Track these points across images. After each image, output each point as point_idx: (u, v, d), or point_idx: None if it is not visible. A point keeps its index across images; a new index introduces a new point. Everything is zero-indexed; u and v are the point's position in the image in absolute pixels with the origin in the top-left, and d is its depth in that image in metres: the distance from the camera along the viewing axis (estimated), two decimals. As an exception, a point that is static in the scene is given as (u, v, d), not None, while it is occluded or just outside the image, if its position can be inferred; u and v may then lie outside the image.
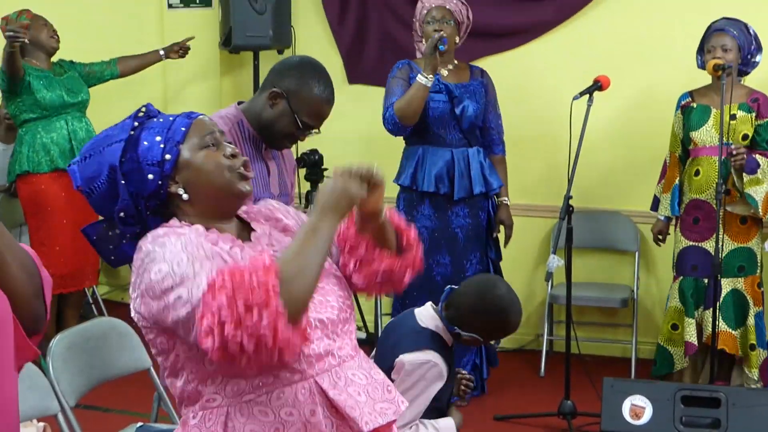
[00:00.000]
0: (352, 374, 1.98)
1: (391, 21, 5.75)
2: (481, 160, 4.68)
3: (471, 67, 4.78)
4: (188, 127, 2.02)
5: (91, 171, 2.02)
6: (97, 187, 2.02)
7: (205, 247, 1.88)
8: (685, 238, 4.66)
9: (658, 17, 5.12)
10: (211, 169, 1.99)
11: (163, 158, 1.97)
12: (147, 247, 1.89)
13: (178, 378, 1.95)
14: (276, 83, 2.97)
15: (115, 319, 3.41)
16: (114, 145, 2.00)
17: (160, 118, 2.05)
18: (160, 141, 1.98)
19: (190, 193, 1.99)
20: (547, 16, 5.42)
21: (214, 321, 1.69)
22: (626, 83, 5.02)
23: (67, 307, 5.47)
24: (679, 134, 4.69)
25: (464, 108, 4.58)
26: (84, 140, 5.18)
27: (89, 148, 2.05)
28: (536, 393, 4.98)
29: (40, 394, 2.94)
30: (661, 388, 4.15)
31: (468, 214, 4.68)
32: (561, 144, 4.55)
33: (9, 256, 1.71)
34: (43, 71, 5.16)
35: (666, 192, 4.71)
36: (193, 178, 1.99)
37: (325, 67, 3.08)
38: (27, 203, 5.21)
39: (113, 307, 6.36)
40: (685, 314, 4.64)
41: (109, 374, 3.21)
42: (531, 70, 5.48)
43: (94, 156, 2.02)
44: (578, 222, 4.62)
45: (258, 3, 5.48)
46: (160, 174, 1.97)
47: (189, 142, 2.00)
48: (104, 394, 3.52)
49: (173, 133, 1.99)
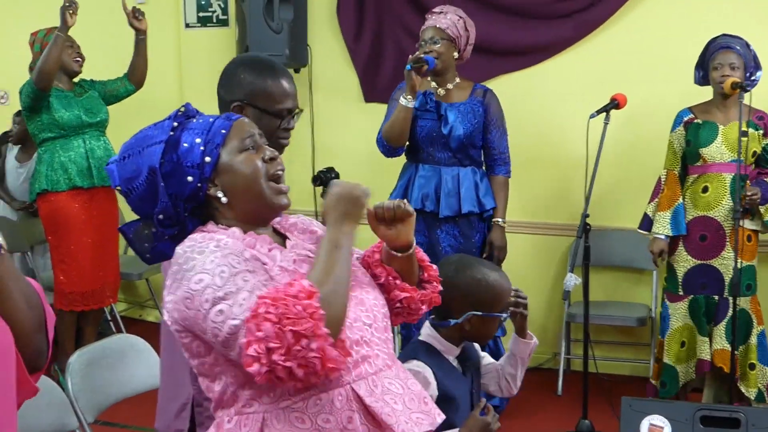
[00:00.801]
0: (389, 383, 1.96)
1: (407, 39, 5.76)
2: (477, 180, 4.65)
3: (474, 86, 4.74)
4: (228, 129, 2.01)
5: (129, 171, 2.01)
6: (135, 188, 2.01)
7: (245, 254, 1.88)
8: (692, 257, 4.59)
9: (675, 35, 5.11)
10: (250, 173, 1.98)
11: (202, 161, 1.97)
12: (185, 253, 1.89)
13: (215, 382, 1.94)
14: (231, 99, 2.74)
15: (133, 336, 3.42)
16: (154, 146, 1.99)
17: (200, 119, 2.05)
18: (200, 143, 1.98)
19: (228, 197, 1.99)
20: (563, 35, 5.42)
21: (261, 348, 1.69)
22: (643, 101, 5.02)
23: (86, 324, 5.50)
24: (679, 151, 4.65)
25: (452, 128, 4.57)
26: (102, 158, 5.23)
27: (128, 147, 2.04)
28: (553, 412, 4.96)
29: (58, 410, 2.95)
30: (680, 407, 4.12)
31: (459, 234, 4.65)
32: (578, 162, 4.54)
33: (14, 288, 1.67)
34: (63, 91, 5.20)
35: (664, 210, 4.63)
36: (231, 181, 1.99)
37: (262, 54, 2.98)
38: (46, 221, 5.26)
39: (131, 324, 6.40)
40: (698, 333, 4.59)
41: (127, 391, 3.22)
42: (547, 89, 5.48)
43: (133, 156, 2.01)
44: (595, 240, 4.61)
45: (274, 22, 5.51)
46: (199, 176, 1.97)
47: (229, 145, 1.99)
48: (122, 410, 3.52)
49: (213, 135, 1.99)
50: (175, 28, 6.31)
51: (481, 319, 2.76)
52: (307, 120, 6.02)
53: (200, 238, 1.91)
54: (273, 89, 2.71)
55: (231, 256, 1.84)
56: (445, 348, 2.81)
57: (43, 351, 1.75)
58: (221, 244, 1.87)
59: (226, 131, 2.00)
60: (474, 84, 4.75)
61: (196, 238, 1.92)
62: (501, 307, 2.81)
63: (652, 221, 4.70)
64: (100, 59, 5.69)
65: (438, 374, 2.72)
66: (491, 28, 5.37)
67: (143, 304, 6.86)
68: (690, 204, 4.60)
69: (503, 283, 2.83)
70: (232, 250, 1.86)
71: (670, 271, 4.71)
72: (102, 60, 5.73)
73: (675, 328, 4.67)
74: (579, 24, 5.37)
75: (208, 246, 1.87)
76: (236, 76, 2.78)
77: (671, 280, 4.69)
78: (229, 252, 1.85)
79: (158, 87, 6.32)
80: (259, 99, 2.71)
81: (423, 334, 2.86)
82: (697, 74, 4.63)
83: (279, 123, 2.71)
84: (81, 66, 5.29)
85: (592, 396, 4.51)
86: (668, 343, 4.70)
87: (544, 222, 5.47)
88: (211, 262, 1.83)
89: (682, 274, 4.63)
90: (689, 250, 4.60)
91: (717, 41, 4.52)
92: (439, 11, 4.63)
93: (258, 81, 2.72)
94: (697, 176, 4.59)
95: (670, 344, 4.69)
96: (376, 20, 5.83)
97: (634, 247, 5.31)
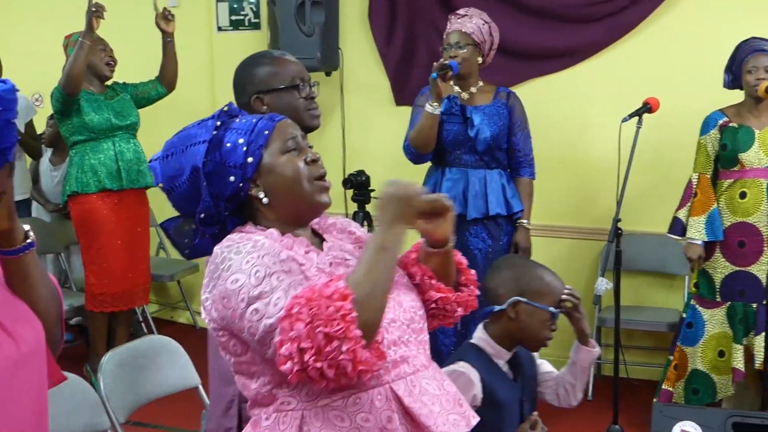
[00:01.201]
0: (426, 383, 1.97)
1: (439, 42, 5.72)
2: (504, 183, 4.62)
3: (497, 89, 4.71)
4: (271, 130, 2.02)
5: (172, 170, 2.03)
6: (178, 186, 2.03)
7: (281, 255, 1.89)
8: (730, 263, 4.53)
9: (706, 40, 5.08)
10: (292, 175, 1.99)
11: (245, 161, 1.97)
12: (222, 253, 1.90)
13: (252, 380, 1.95)
14: (248, 95, 2.87)
15: (164, 337, 3.44)
16: (197, 145, 2.01)
17: (243, 119, 2.06)
18: (243, 143, 1.98)
19: (270, 197, 2.00)
20: (595, 39, 5.40)
21: (293, 348, 1.70)
22: (675, 105, 4.98)
23: (118, 325, 5.54)
24: (712, 154, 4.59)
25: (478, 130, 4.55)
26: (131, 161, 5.27)
27: (172, 146, 2.06)
28: (584, 417, 4.93)
29: (91, 411, 2.97)
30: (712, 414, 4.08)
31: (488, 236, 4.61)
32: (608, 166, 4.52)
33: (41, 282, 1.77)
34: (93, 94, 5.24)
35: (698, 215, 4.55)
36: (273, 182, 1.99)
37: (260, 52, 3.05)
38: (77, 223, 5.30)
39: (163, 326, 6.44)
40: (734, 340, 4.53)
41: (158, 391, 3.24)
42: (578, 93, 5.46)
43: (176, 155, 2.03)
44: (627, 245, 4.58)
45: (306, 25, 5.53)
46: (241, 177, 1.97)
47: (271, 146, 2.00)
48: (153, 411, 3.54)
49: (256, 136, 1.99)
50: (208, 31, 6.34)
51: (526, 307, 2.72)
52: (338, 123, 6.03)
53: (238, 238, 1.93)
54: (276, 67, 2.86)
55: (267, 256, 1.85)
56: (495, 351, 2.77)
57: (59, 341, 1.86)
58: (258, 245, 1.88)
59: (269, 132, 2.01)
60: (497, 87, 4.72)
61: (233, 239, 1.93)
62: (549, 300, 2.74)
63: (685, 225, 4.62)
64: (133, 61, 5.72)
65: (485, 378, 2.70)
66: (522, 31, 5.36)
67: (174, 305, 6.90)
68: (726, 210, 4.53)
69: (553, 279, 2.78)
70: (268, 251, 1.87)
71: (705, 277, 4.63)
72: (135, 62, 5.77)
73: (711, 335, 4.60)
74: (610, 28, 5.35)
75: (245, 246, 1.88)
76: (242, 79, 2.92)
77: (707, 286, 4.62)
78: (265, 253, 1.86)
79: (190, 90, 6.37)
80: (268, 82, 2.85)
81: (474, 337, 2.83)
82: (727, 78, 4.58)
83: (299, 95, 2.82)
84: (112, 70, 5.32)
85: (622, 401, 4.48)
86: (703, 350, 4.63)
87: (575, 226, 5.45)
88: (247, 262, 1.84)
89: (720, 281, 4.56)
90: (727, 256, 4.53)
91: (749, 44, 4.47)
92: (463, 14, 4.60)
93: (260, 68, 2.87)
94: (732, 181, 4.52)
95: (705, 351, 4.62)
96: (408, 23, 5.83)
97: (666, 251, 5.28)
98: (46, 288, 1.79)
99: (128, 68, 5.51)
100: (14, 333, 1.66)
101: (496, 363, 2.77)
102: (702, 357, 4.63)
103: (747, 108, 4.52)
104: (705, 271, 4.62)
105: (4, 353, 1.62)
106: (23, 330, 1.68)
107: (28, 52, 6.70)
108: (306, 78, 2.90)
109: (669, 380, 4.75)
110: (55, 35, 5.79)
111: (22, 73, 6.33)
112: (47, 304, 1.78)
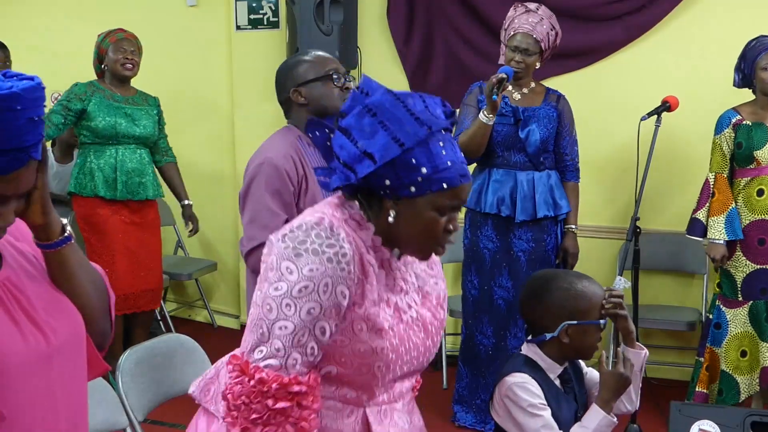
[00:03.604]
0: (398, 417, 2.03)
1: (457, 41, 5.76)
2: (552, 184, 4.60)
3: (547, 91, 4.68)
4: (450, 186, 1.87)
5: (368, 131, 1.86)
6: (353, 141, 1.87)
7: (349, 264, 1.84)
8: (750, 261, 4.51)
9: (726, 38, 5.05)
10: (425, 231, 1.90)
11: (410, 183, 1.85)
12: (280, 251, 1.85)
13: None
14: (287, 90, 3.14)
15: (182, 335, 3.44)
16: (416, 126, 1.85)
17: (448, 144, 1.90)
18: (426, 171, 1.84)
19: (396, 223, 1.90)
20: (613, 38, 5.39)
21: (241, 416, 1.83)
22: (695, 103, 4.97)
23: (137, 326, 5.50)
24: (728, 153, 4.57)
25: (529, 132, 4.52)
26: (132, 171, 5.21)
27: (386, 110, 1.86)
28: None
29: (109, 409, 2.98)
30: (730, 413, 4.06)
31: (531, 238, 4.59)
32: (626, 164, 4.50)
33: (82, 274, 1.81)
34: (113, 97, 5.20)
35: (717, 215, 4.53)
36: (407, 218, 1.89)
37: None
38: (81, 222, 5.25)
39: (181, 324, 6.46)
40: (760, 339, 4.51)
41: (177, 390, 3.24)
42: (598, 91, 5.45)
43: (385, 123, 1.86)
44: (646, 243, 4.56)
45: (325, 24, 5.53)
46: (392, 194, 1.88)
47: (438, 195, 1.86)
48: (172, 409, 3.55)
49: (436, 179, 1.85)
50: (227, 30, 6.35)
51: (578, 328, 2.68)
52: (357, 122, 6.03)
53: (325, 233, 1.85)
54: (312, 62, 3.13)
55: (316, 291, 1.82)
56: (548, 365, 2.73)
57: (108, 332, 1.90)
58: (320, 270, 1.82)
59: (447, 186, 1.87)
60: (547, 89, 4.69)
61: (321, 231, 1.86)
62: (596, 312, 2.70)
63: (704, 226, 4.60)
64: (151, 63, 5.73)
65: (545, 392, 2.66)
66: (541, 30, 5.34)
67: (192, 304, 6.92)
68: (745, 208, 4.51)
69: (594, 288, 2.73)
70: (324, 279, 1.82)
71: (726, 276, 4.62)
72: (152, 64, 5.78)
73: (734, 335, 4.58)
74: (629, 27, 5.33)
75: (307, 258, 1.83)
76: (281, 78, 3.19)
77: (729, 285, 4.60)
78: (319, 281, 1.82)
79: (209, 89, 6.40)
80: (305, 75, 3.11)
81: (526, 350, 2.78)
82: (737, 77, 4.56)
83: (333, 84, 3.10)
84: (132, 70, 5.25)
85: (641, 400, 4.45)
86: (726, 350, 4.61)
87: (593, 225, 5.44)
88: (293, 282, 1.82)
89: (741, 280, 4.54)
90: (747, 255, 4.51)
91: (761, 42, 4.46)
92: (534, 10, 4.51)
93: (297, 65, 3.14)
94: (749, 179, 4.51)
95: (728, 352, 4.60)
96: (426, 22, 5.83)
97: (685, 250, 5.26)
98: (89, 280, 1.83)
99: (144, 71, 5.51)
100: (45, 326, 1.69)
101: (549, 377, 2.73)
102: (725, 357, 4.61)
103: (761, 105, 4.51)
104: (727, 270, 4.60)
105: (31, 347, 1.66)
106: (57, 323, 1.72)
107: (47, 51, 6.73)
108: (341, 71, 3.11)
109: (702, 382, 4.72)
110: (74, 33, 5.83)
111: (41, 72, 6.35)
112: (89, 296, 1.81)
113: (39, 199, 1.69)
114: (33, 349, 1.66)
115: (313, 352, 1.84)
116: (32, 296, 1.71)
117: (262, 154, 3.09)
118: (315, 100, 3.11)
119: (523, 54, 4.48)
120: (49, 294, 1.75)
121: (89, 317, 1.81)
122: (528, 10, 4.52)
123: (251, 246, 3.03)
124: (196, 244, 6.75)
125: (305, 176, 3.05)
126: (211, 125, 6.49)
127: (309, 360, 1.84)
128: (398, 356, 1.93)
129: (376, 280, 1.93)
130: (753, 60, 4.45)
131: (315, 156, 3.08)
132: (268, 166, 3.02)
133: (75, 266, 1.79)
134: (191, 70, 6.50)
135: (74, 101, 5.08)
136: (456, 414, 4.84)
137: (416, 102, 1.88)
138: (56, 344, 1.70)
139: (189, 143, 6.32)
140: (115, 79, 5.23)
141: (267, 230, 2.87)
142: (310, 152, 3.08)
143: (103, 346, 1.88)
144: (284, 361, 1.82)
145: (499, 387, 2.68)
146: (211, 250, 6.72)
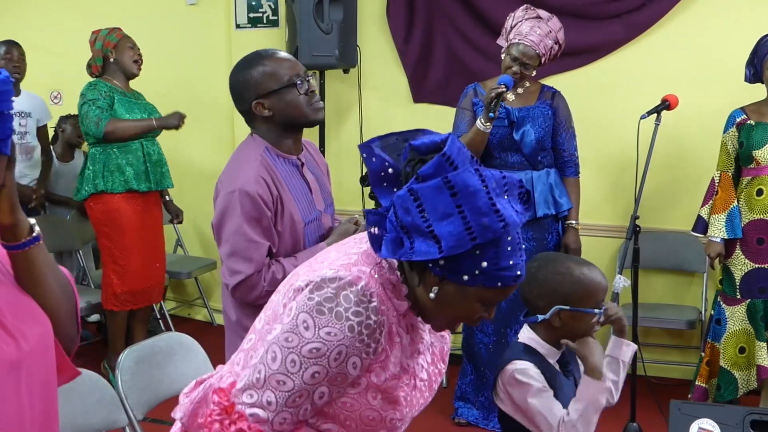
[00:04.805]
0: None
1: (457, 40, 5.75)
2: (551, 182, 4.61)
3: (542, 88, 4.68)
4: (504, 285, 1.73)
5: (443, 206, 1.64)
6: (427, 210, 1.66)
7: (348, 360, 1.74)
8: (749, 260, 4.52)
9: (726, 36, 5.06)
10: (463, 316, 1.82)
11: (470, 272, 1.70)
12: (303, 301, 1.75)
13: None
14: (249, 101, 2.90)
15: (182, 334, 3.45)
16: (489, 227, 1.64)
17: (520, 243, 1.76)
18: (487, 266, 1.69)
19: (436, 299, 1.76)
20: (613, 36, 5.38)
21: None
22: (694, 102, 4.96)
23: (136, 322, 5.54)
24: (732, 152, 4.58)
25: (524, 133, 4.52)
26: (157, 162, 5.31)
27: (467, 196, 1.64)
28: (601, 415, 4.90)
29: (108, 407, 2.98)
30: (730, 411, 4.06)
31: (533, 237, 4.58)
32: (626, 163, 4.50)
33: (50, 277, 1.73)
34: (125, 94, 5.25)
35: (719, 213, 4.55)
36: (450, 302, 1.77)
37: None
38: (100, 222, 5.26)
39: (180, 323, 6.47)
40: (756, 338, 4.52)
41: (176, 388, 3.24)
42: (597, 90, 5.44)
43: (461, 207, 1.64)
44: (645, 242, 4.56)
45: (324, 23, 5.53)
46: (449, 273, 1.72)
47: (489, 291, 1.74)
48: (171, 408, 3.55)
49: (498, 274, 1.71)
50: (226, 28, 6.35)
51: (570, 314, 2.65)
52: (356, 120, 6.03)
53: (349, 298, 1.73)
54: (269, 68, 2.87)
55: (330, 356, 1.72)
56: (546, 351, 2.73)
57: (74, 336, 1.82)
58: (340, 341, 1.72)
59: (500, 285, 1.73)
60: (542, 86, 4.69)
61: (343, 291, 1.73)
62: (592, 301, 2.66)
63: (707, 224, 4.62)
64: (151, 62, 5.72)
65: (545, 375, 2.66)
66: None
67: (192, 302, 6.92)
68: (745, 207, 4.52)
69: (592, 276, 2.68)
70: (346, 347, 1.72)
71: (727, 273, 4.63)
72: (152, 63, 5.78)
73: (732, 332, 4.59)
74: (629, 25, 5.33)
75: (330, 317, 1.72)
76: (238, 86, 2.93)
77: (729, 283, 4.62)
78: (332, 351, 1.72)
79: (208, 87, 6.39)
80: (266, 84, 2.86)
81: (522, 336, 2.78)
82: (748, 72, 4.55)
83: (298, 92, 2.85)
84: (140, 68, 5.32)
85: (640, 399, 4.47)
86: (724, 346, 4.62)
87: (593, 223, 5.43)
88: (309, 341, 1.72)
89: (740, 278, 4.55)
90: (746, 254, 4.53)
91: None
92: (546, 19, 4.47)
93: (254, 72, 2.88)
94: (750, 178, 4.51)
95: (726, 348, 4.61)
96: (426, 21, 5.82)
97: (684, 249, 5.27)
98: (56, 283, 1.75)
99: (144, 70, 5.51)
100: (16, 332, 1.63)
101: (548, 362, 2.73)
102: (724, 353, 4.62)
103: (766, 105, 4.51)
104: (727, 268, 4.62)
105: (3, 353, 1.60)
106: (27, 328, 1.66)
107: (48, 50, 6.73)
108: (301, 72, 2.90)
109: (702, 377, 4.74)
110: (74, 32, 5.82)
111: (42, 70, 6.38)
112: (57, 300, 1.74)
113: (6, 197, 1.60)
114: (5, 355, 1.60)
115: (306, 413, 1.79)
116: (1, 301, 1.65)
117: (232, 180, 2.88)
118: (281, 111, 2.89)
119: (521, 66, 4.47)
120: (16, 298, 1.68)
121: (57, 321, 1.73)
122: (538, 18, 4.49)
123: (237, 281, 2.86)
124: (196, 242, 6.76)
125: (279, 197, 2.87)
126: (211, 124, 6.49)
127: (298, 419, 1.79)
128: (403, 419, 1.90)
129: (401, 350, 1.85)
130: (763, 57, 4.44)
131: (285, 167, 2.92)
132: (241, 195, 2.82)
133: (43, 268, 1.70)
134: (191, 69, 6.50)
135: (104, 99, 5.12)
136: (458, 410, 4.84)
137: (499, 186, 1.67)
138: (27, 349, 1.64)
139: (189, 141, 6.31)
140: (123, 75, 5.27)
141: (252, 263, 2.82)
142: (280, 163, 2.91)
143: (70, 350, 1.80)
144: (272, 417, 1.76)
145: (501, 376, 2.69)
146: (210, 249, 6.72)
